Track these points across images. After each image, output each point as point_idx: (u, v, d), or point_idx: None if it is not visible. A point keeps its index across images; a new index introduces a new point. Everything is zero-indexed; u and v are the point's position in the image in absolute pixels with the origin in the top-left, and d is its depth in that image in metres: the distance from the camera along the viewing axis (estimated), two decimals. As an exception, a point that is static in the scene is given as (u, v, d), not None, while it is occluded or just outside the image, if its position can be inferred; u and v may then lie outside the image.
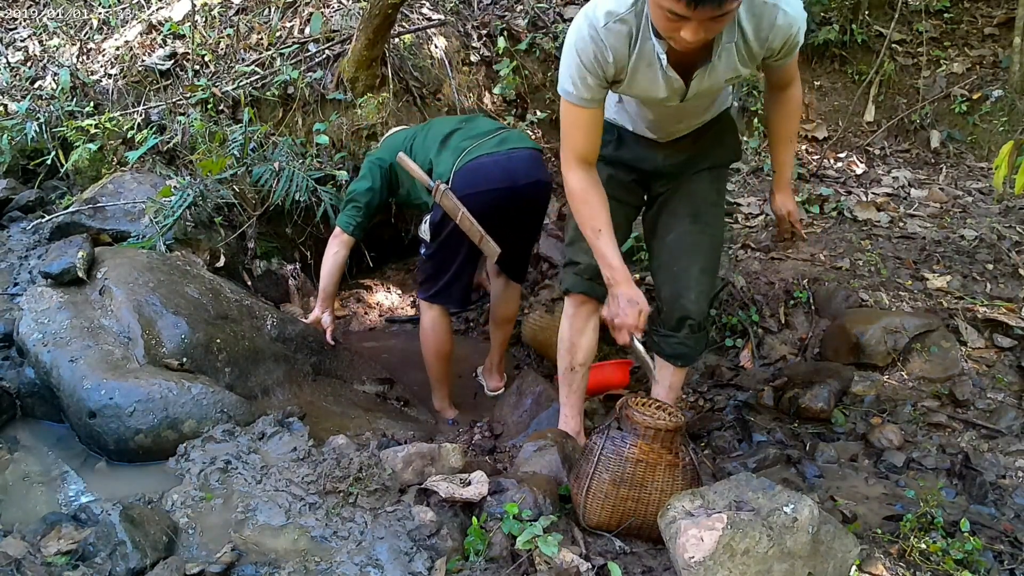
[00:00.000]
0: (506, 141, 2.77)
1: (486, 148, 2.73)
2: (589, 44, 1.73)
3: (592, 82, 1.79)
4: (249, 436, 2.14)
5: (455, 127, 2.88)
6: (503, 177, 2.71)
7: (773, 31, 1.74)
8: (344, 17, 4.00)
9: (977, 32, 5.42)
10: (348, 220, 2.95)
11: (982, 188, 4.22)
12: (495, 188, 2.70)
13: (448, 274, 2.85)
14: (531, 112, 4.32)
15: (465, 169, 2.70)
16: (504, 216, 2.77)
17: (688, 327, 2.24)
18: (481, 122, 2.94)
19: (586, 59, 1.75)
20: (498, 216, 2.75)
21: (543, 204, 2.96)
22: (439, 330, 2.98)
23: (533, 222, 3.02)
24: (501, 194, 2.71)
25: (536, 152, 2.84)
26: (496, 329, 3.24)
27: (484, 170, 2.70)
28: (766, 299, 3.20)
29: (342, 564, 1.67)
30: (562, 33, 4.42)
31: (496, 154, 2.72)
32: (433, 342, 3.00)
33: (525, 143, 2.83)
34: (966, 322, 2.87)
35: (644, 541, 1.90)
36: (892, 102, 5.21)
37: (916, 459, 2.36)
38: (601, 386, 3.00)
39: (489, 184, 2.69)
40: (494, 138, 2.78)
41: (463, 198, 2.68)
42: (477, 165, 2.70)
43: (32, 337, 2.34)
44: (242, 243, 3.47)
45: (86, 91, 3.97)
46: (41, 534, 1.70)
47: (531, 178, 2.76)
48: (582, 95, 1.82)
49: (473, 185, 2.69)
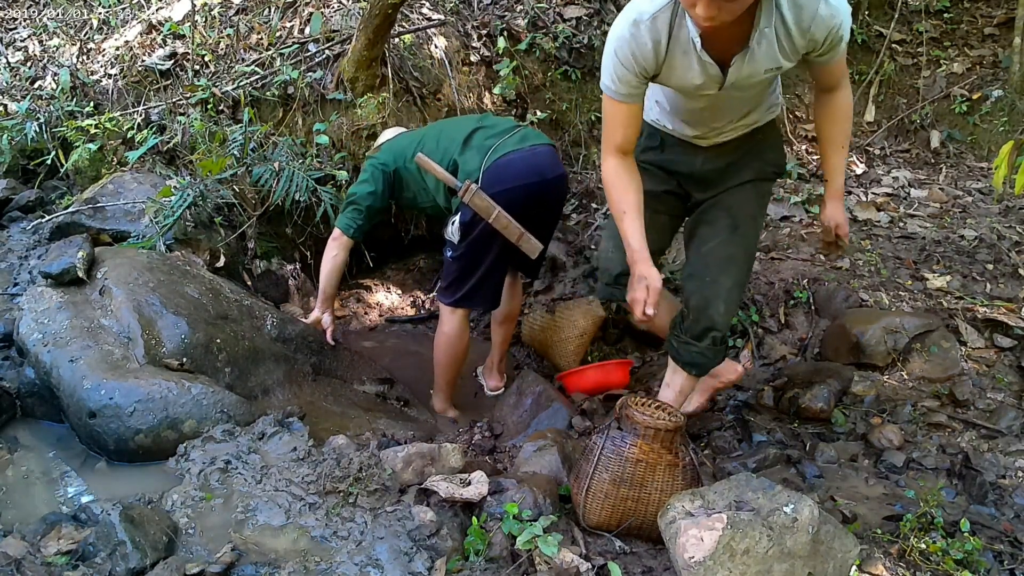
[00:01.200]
0: (527, 138, 2.79)
1: (511, 145, 2.74)
2: (627, 43, 1.82)
3: (630, 78, 1.88)
4: (249, 436, 2.14)
5: (476, 126, 2.85)
6: (532, 172, 2.72)
7: (815, 21, 1.75)
8: (344, 17, 3.99)
9: (977, 32, 5.42)
10: (348, 222, 2.93)
11: (982, 188, 4.22)
12: (526, 183, 2.70)
13: (476, 276, 2.81)
14: (531, 112, 4.32)
15: (495, 166, 2.69)
16: (534, 210, 2.77)
17: (711, 339, 2.25)
18: (498, 120, 2.93)
19: (623, 57, 1.84)
20: (529, 211, 2.74)
21: (564, 197, 3.03)
22: (463, 337, 2.95)
23: (555, 217, 3.04)
24: (531, 189, 2.72)
25: (553, 148, 2.88)
26: (498, 327, 3.23)
27: (513, 166, 2.70)
28: (766, 299, 3.20)
29: (342, 564, 1.67)
30: (562, 33, 4.43)
31: (521, 150, 2.73)
32: (453, 348, 2.95)
33: (543, 139, 2.86)
34: (966, 322, 2.87)
35: (644, 541, 1.90)
36: (892, 102, 5.21)
37: (916, 459, 2.36)
38: (601, 386, 3.00)
39: (520, 180, 2.69)
40: (515, 135, 2.79)
41: (495, 195, 2.65)
42: (506, 162, 2.70)
43: (32, 337, 2.34)
44: (242, 243, 3.47)
45: (86, 91, 3.97)
46: (41, 534, 1.70)
47: (556, 172, 2.80)
48: (620, 91, 1.91)
49: (503, 182, 2.67)
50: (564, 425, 2.69)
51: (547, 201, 2.85)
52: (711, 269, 2.20)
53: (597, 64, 4.50)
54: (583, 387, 3.03)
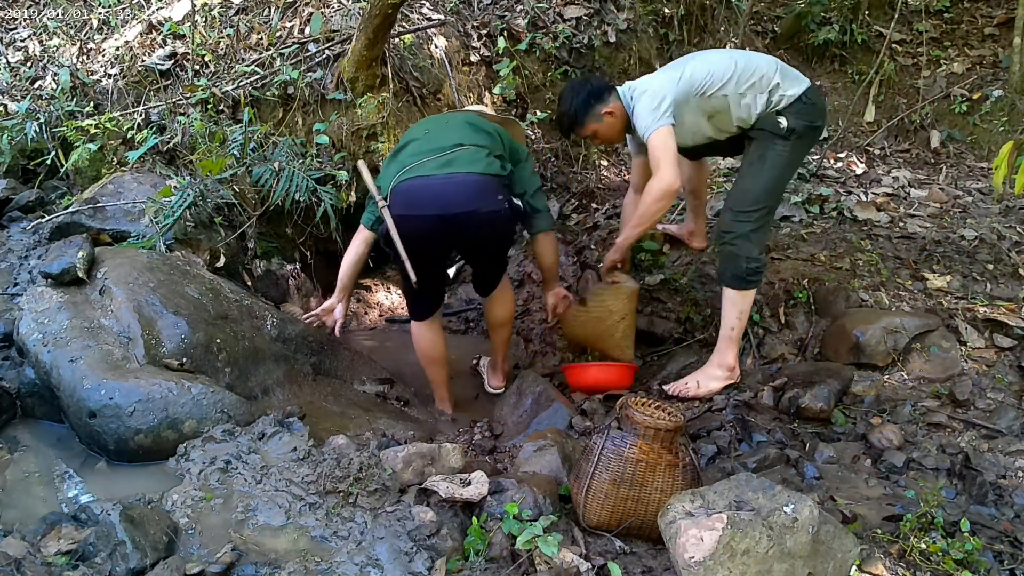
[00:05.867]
0: (452, 163, 2.59)
1: (427, 169, 2.59)
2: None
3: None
4: (249, 436, 2.14)
5: (417, 136, 2.77)
6: (433, 203, 2.56)
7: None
8: (344, 17, 4.00)
9: (977, 32, 5.43)
10: (367, 215, 2.95)
11: (982, 188, 4.22)
12: (421, 215, 2.57)
13: (404, 287, 2.80)
14: (531, 112, 4.32)
15: (400, 189, 2.61)
16: (435, 243, 2.67)
17: (722, 242, 2.81)
18: (445, 133, 2.72)
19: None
20: (427, 243, 2.65)
21: (488, 233, 2.70)
22: (423, 340, 3.02)
23: (484, 249, 2.84)
24: (428, 221, 2.57)
25: (484, 179, 2.59)
26: (492, 333, 3.23)
27: (416, 193, 2.59)
28: (766, 299, 3.19)
29: (342, 564, 1.67)
30: (562, 33, 4.43)
31: (433, 177, 2.57)
32: (420, 352, 3.06)
33: (475, 167, 2.59)
34: (966, 322, 2.87)
35: (644, 541, 1.90)
36: (892, 102, 5.22)
37: (916, 459, 2.35)
38: (603, 385, 2.99)
39: (418, 209, 2.57)
40: (442, 158, 2.61)
41: (396, 219, 2.60)
42: (409, 187, 2.59)
43: (32, 337, 2.34)
44: (242, 243, 3.47)
45: (86, 91, 3.97)
46: (41, 534, 1.71)
47: (467, 207, 2.56)
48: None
49: (404, 207, 2.60)
50: (564, 425, 2.69)
51: (454, 235, 2.64)
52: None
53: (597, 64, 4.53)
54: (584, 383, 3.02)
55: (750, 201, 2.73)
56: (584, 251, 3.82)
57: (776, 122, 2.69)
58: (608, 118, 2.80)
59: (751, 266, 2.74)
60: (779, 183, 2.81)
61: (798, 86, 2.70)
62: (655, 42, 4.90)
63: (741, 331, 2.86)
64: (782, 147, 2.71)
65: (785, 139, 2.70)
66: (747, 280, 2.76)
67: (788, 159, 2.74)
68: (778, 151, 2.71)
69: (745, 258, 2.72)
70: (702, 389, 2.84)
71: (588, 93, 2.80)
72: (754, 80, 2.66)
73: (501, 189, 2.64)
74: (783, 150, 2.71)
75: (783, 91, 2.67)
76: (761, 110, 2.70)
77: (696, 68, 2.69)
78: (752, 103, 2.68)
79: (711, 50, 2.96)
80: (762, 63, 2.71)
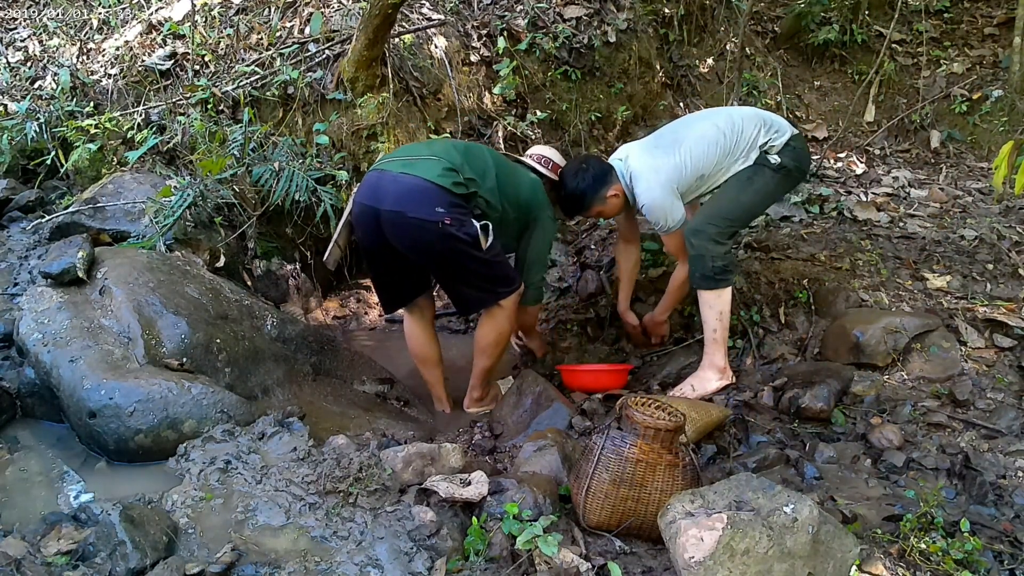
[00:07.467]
0: (412, 166, 2.61)
1: (391, 165, 2.68)
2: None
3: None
4: (249, 436, 2.14)
5: (420, 145, 2.93)
6: (370, 194, 2.66)
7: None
8: (344, 17, 4.00)
9: (977, 32, 5.43)
10: None
11: (982, 188, 4.22)
12: (360, 202, 2.69)
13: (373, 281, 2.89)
14: (531, 112, 4.32)
15: (367, 177, 2.76)
16: (372, 236, 2.70)
17: (690, 243, 2.82)
18: (436, 145, 2.80)
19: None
20: (365, 233, 2.73)
21: (412, 242, 2.61)
22: (413, 339, 3.06)
23: (414, 257, 2.71)
24: (364, 211, 2.67)
25: (427, 185, 2.54)
26: (474, 356, 3.02)
27: (368, 182, 2.72)
28: (766, 299, 3.20)
29: (342, 564, 1.67)
30: (562, 33, 4.43)
31: (387, 173, 2.65)
32: (412, 350, 3.10)
33: (427, 175, 2.56)
34: (966, 322, 2.87)
35: (644, 541, 1.90)
36: (892, 102, 5.22)
37: (916, 459, 2.35)
38: (597, 388, 2.99)
39: (365, 199, 2.67)
40: (409, 160, 2.65)
41: (353, 204, 2.75)
42: (369, 177, 2.73)
43: (32, 337, 2.34)
44: (242, 243, 3.47)
45: (86, 91, 3.97)
46: (41, 534, 1.70)
47: (395, 207, 2.55)
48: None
49: (360, 194, 2.72)
50: (564, 425, 2.69)
51: (383, 231, 2.62)
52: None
53: (597, 64, 4.53)
54: (579, 385, 3.03)
55: (724, 213, 2.82)
56: (584, 251, 3.82)
57: (768, 158, 2.83)
58: (613, 200, 2.95)
59: (718, 264, 2.78)
60: (755, 208, 2.95)
61: (783, 134, 2.85)
62: (655, 42, 4.90)
63: (725, 331, 2.87)
64: (771, 176, 2.83)
65: (775, 172, 2.82)
66: (716, 280, 2.79)
67: (771, 189, 2.87)
68: (766, 179, 2.83)
69: (711, 257, 2.77)
70: (698, 393, 2.84)
71: (593, 178, 2.92)
72: (743, 145, 2.82)
73: (444, 203, 2.55)
74: (770, 180, 2.84)
75: (771, 142, 2.82)
76: (752, 162, 2.83)
77: (693, 150, 2.81)
78: (745, 159, 2.83)
79: (696, 118, 2.92)
80: (747, 126, 2.83)
